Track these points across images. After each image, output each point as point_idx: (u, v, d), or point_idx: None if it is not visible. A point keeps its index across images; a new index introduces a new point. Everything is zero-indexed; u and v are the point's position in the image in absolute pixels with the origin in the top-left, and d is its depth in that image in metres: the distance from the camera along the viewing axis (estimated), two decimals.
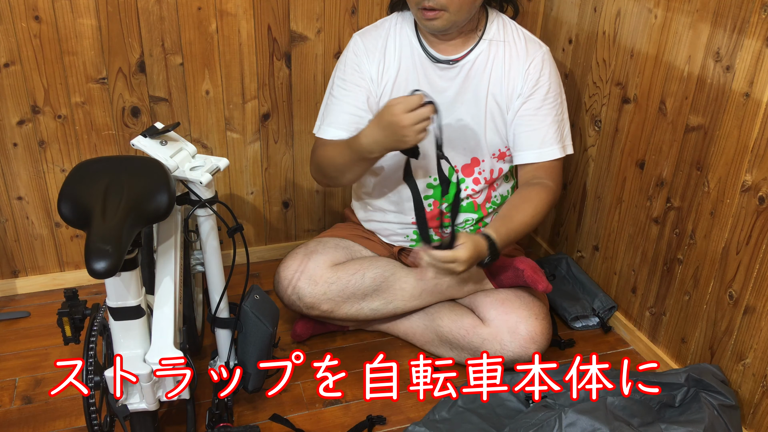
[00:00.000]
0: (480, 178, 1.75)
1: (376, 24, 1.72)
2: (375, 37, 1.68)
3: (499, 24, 1.68)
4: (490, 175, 1.75)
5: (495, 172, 1.76)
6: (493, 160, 1.74)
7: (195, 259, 1.72)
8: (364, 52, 1.67)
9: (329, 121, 1.68)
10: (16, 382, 1.69)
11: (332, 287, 1.70)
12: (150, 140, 1.42)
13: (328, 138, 1.66)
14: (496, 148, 1.72)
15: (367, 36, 1.69)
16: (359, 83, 1.66)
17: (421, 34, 1.66)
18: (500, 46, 1.66)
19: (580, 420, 1.37)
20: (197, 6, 1.81)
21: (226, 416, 1.51)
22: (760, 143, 1.41)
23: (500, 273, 1.72)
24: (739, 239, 1.49)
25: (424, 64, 1.66)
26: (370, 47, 1.67)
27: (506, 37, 1.67)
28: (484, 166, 1.73)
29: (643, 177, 1.76)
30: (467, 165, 1.73)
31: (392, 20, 1.70)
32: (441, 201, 1.74)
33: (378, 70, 1.67)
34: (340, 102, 1.67)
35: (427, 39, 1.65)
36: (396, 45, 1.67)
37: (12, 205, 1.91)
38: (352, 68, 1.67)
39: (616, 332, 1.93)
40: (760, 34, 1.38)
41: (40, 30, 1.73)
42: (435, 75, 1.66)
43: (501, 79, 1.66)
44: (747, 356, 1.52)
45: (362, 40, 1.69)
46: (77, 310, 1.37)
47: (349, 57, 1.68)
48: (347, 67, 1.68)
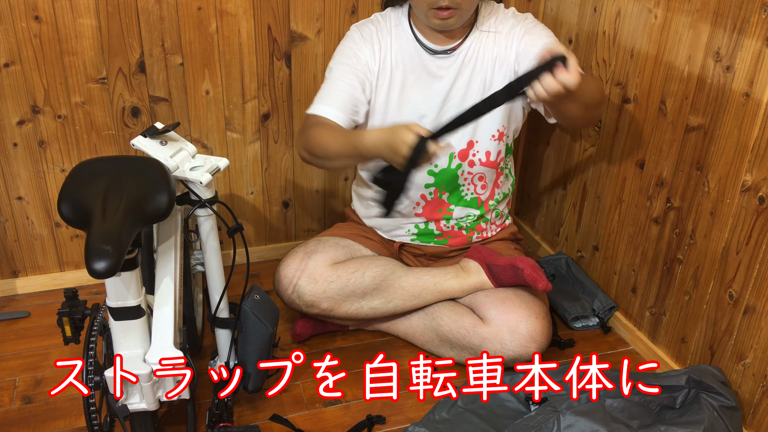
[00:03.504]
0: (474, 160, 1.76)
1: (371, 18, 1.75)
2: (370, 30, 1.72)
3: (488, 11, 1.72)
4: (486, 157, 1.76)
5: (492, 154, 1.76)
6: (492, 141, 1.75)
7: (195, 259, 1.72)
8: (361, 41, 1.70)
9: (324, 100, 1.66)
10: (16, 382, 1.69)
11: (332, 285, 1.70)
12: (150, 140, 1.42)
13: (321, 115, 1.64)
14: (495, 129, 1.74)
15: (363, 28, 1.73)
16: (356, 68, 1.69)
17: (416, 27, 1.69)
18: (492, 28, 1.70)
19: (579, 422, 1.37)
20: (197, 6, 1.81)
21: (226, 416, 1.51)
22: (760, 143, 1.41)
23: (500, 272, 1.72)
24: (739, 239, 1.49)
25: (421, 55, 1.69)
26: (367, 38, 1.70)
27: (496, 18, 1.71)
28: (478, 147, 1.75)
29: (643, 177, 1.76)
30: (463, 149, 1.74)
31: (387, 15, 1.74)
32: (441, 189, 1.75)
33: (374, 60, 1.70)
34: (336, 82, 1.68)
35: (422, 31, 1.69)
36: (391, 38, 1.70)
37: (12, 205, 1.91)
38: (350, 54, 1.70)
39: (616, 332, 1.93)
40: (760, 34, 1.38)
41: (40, 30, 1.73)
42: (432, 65, 1.70)
43: (498, 56, 1.69)
44: (747, 356, 1.52)
45: (359, 30, 1.72)
46: (77, 310, 1.37)
47: (348, 45, 1.72)
48: (345, 51, 1.71)
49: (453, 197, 1.79)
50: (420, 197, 1.78)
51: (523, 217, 2.37)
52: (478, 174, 1.78)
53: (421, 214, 1.80)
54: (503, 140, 1.77)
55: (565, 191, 2.10)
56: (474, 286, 1.75)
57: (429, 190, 1.77)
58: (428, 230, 1.84)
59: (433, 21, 1.60)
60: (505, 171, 1.85)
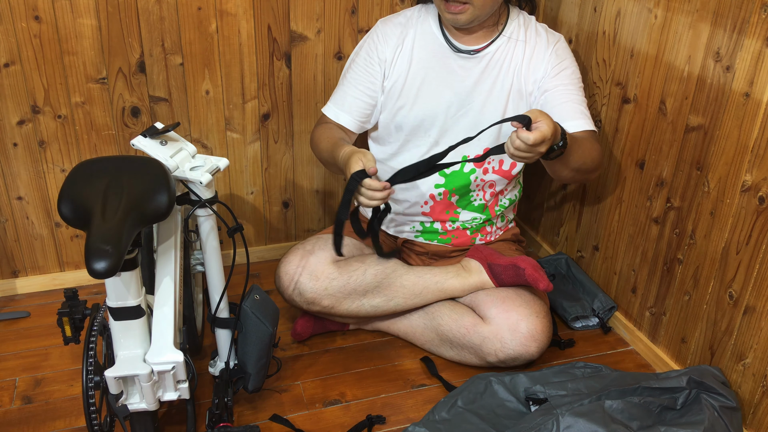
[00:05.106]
0: (488, 168, 1.77)
1: (400, 13, 1.78)
2: (395, 24, 1.74)
3: (520, 21, 1.72)
4: (499, 165, 1.77)
5: (506, 164, 1.77)
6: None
7: (195, 259, 1.72)
8: (383, 37, 1.73)
9: (336, 101, 1.77)
10: (16, 382, 1.69)
11: (333, 283, 1.70)
12: (150, 140, 1.42)
13: (328, 115, 1.77)
14: None
15: (388, 23, 1.76)
16: (371, 70, 1.73)
17: (444, 26, 1.71)
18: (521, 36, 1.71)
19: (578, 422, 1.37)
20: (197, 6, 1.81)
21: (226, 416, 1.51)
22: (760, 143, 1.41)
23: (501, 272, 1.72)
24: (739, 239, 1.49)
25: (445, 53, 1.71)
26: (389, 33, 1.73)
27: (527, 29, 1.72)
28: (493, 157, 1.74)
29: (643, 177, 1.76)
30: (479, 155, 1.74)
31: (415, 10, 1.76)
32: (451, 191, 1.75)
33: (394, 54, 1.72)
34: (348, 86, 1.76)
35: (449, 30, 1.71)
36: (416, 34, 1.72)
37: (12, 205, 1.91)
38: (366, 54, 1.74)
39: (616, 332, 1.93)
40: (760, 34, 1.38)
41: (40, 30, 1.73)
42: (455, 64, 1.71)
43: (523, 68, 1.70)
44: (747, 356, 1.52)
45: (383, 25, 1.76)
46: (77, 310, 1.37)
47: (367, 42, 1.76)
48: (362, 52, 1.76)
49: (462, 201, 1.80)
50: (429, 197, 1.78)
51: (523, 217, 2.37)
52: (489, 182, 1.79)
53: (428, 213, 1.81)
54: None
55: (565, 191, 2.10)
56: (475, 285, 1.75)
57: (438, 191, 1.77)
58: (433, 229, 1.84)
59: (446, 15, 1.62)
60: (514, 180, 1.86)
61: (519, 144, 1.40)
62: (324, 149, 1.68)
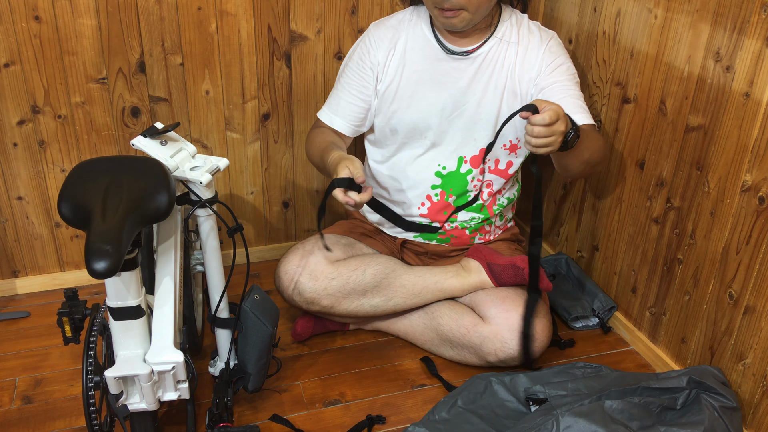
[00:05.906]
0: (485, 168, 1.77)
1: (391, 15, 1.78)
2: (387, 28, 1.74)
3: (512, 20, 1.72)
4: (495, 165, 1.77)
5: (502, 163, 1.77)
6: (503, 151, 1.76)
7: (195, 259, 1.72)
8: (375, 41, 1.73)
9: (331, 106, 1.79)
10: (16, 382, 1.69)
11: (333, 283, 1.70)
12: (150, 140, 1.42)
13: (323, 120, 1.79)
14: (508, 139, 1.75)
15: (380, 26, 1.75)
16: (363, 75, 1.73)
17: (436, 28, 1.71)
18: (513, 38, 1.70)
19: (578, 423, 1.37)
20: (197, 6, 1.81)
21: (226, 416, 1.51)
22: (760, 143, 1.41)
23: (501, 271, 1.72)
24: (739, 239, 1.49)
25: (437, 55, 1.70)
26: (381, 36, 1.73)
27: (520, 28, 1.71)
28: (489, 156, 1.76)
29: (643, 177, 1.76)
30: (475, 156, 1.74)
31: (407, 13, 1.76)
32: (448, 192, 1.75)
33: (386, 58, 1.72)
34: (342, 90, 1.77)
35: (441, 32, 1.70)
36: (408, 37, 1.72)
37: (12, 205, 1.91)
38: (359, 59, 1.74)
39: (616, 332, 1.93)
40: (760, 34, 1.38)
41: (40, 30, 1.73)
42: (448, 66, 1.70)
43: (516, 66, 1.69)
44: (747, 356, 1.52)
45: (375, 29, 1.75)
46: (77, 310, 1.37)
47: (360, 46, 1.76)
48: (355, 56, 1.76)
49: (459, 201, 1.79)
50: (425, 198, 1.78)
51: (523, 217, 2.37)
52: (487, 181, 1.79)
53: (426, 215, 1.80)
54: (515, 152, 1.77)
55: (565, 191, 2.11)
56: (474, 285, 1.75)
57: (435, 192, 1.77)
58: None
59: (440, 20, 1.62)
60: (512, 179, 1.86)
61: (538, 130, 1.38)
62: (315, 154, 1.70)
